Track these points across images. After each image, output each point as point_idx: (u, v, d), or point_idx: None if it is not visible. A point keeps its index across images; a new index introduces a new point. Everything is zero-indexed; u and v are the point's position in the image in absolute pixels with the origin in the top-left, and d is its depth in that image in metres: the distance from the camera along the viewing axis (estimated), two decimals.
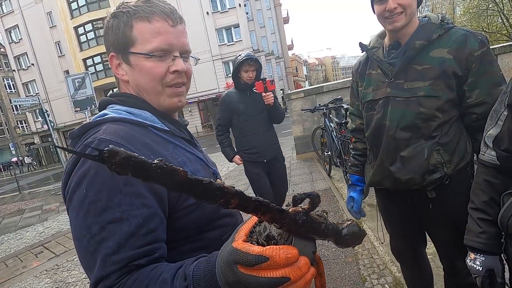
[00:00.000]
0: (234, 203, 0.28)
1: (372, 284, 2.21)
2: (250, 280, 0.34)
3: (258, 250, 0.34)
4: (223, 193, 0.27)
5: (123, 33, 0.67)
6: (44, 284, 3.14)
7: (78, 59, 23.61)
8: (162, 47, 0.66)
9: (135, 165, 0.23)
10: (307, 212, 0.34)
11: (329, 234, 0.36)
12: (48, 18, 25.94)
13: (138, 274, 0.49)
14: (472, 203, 1.00)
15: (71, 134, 0.65)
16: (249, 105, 2.50)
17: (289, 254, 0.33)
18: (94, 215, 0.51)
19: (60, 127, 26.38)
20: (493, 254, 0.93)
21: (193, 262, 0.46)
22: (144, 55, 0.67)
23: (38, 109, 8.89)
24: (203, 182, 0.26)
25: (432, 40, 1.12)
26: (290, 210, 0.33)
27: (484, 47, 1.07)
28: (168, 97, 0.71)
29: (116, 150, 0.22)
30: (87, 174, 0.53)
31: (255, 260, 0.34)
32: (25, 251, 4.26)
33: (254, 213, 0.30)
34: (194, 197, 0.26)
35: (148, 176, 0.24)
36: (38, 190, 11.13)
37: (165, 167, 0.24)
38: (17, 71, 28.87)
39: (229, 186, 0.28)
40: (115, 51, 0.70)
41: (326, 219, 0.36)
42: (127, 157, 0.23)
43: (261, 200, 0.30)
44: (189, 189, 0.26)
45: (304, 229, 0.34)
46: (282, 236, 0.35)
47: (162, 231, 0.56)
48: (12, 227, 5.92)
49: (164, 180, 0.24)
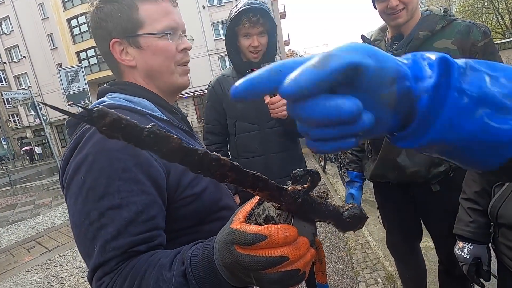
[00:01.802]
0: (231, 177, 0.27)
1: (365, 278, 2.23)
2: (247, 260, 0.33)
3: (255, 229, 0.33)
4: (220, 165, 0.26)
5: (128, 16, 0.66)
6: (36, 279, 3.11)
7: (71, 52, 23.21)
8: (171, 25, 0.69)
9: (126, 128, 0.22)
10: (307, 191, 0.32)
11: (329, 215, 0.35)
12: (40, 10, 25.38)
13: (136, 260, 0.49)
14: (464, 193, 1.02)
15: (68, 122, 0.65)
16: (252, 104, 1.39)
17: (288, 233, 0.32)
18: (93, 201, 0.50)
19: (53, 121, 25.98)
20: (481, 243, 0.95)
21: (191, 247, 0.45)
22: (155, 35, 0.68)
23: (30, 103, 8.74)
24: (198, 152, 0.24)
25: (436, 31, 1.13)
26: (289, 188, 0.32)
27: (487, 38, 1.09)
28: (180, 76, 0.74)
29: (106, 111, 0.21)
30: (85, 160, 0.52)
31: (252, 239, 0.33)
32: (17, 246, 4.21)
33: (252, 189, 0.28)
34: (189, 168, 0.25)
35: (139, 141, 0.22)
36: (30, 184, 11.00)
37: (158, 133, 0.22)
38: (8, 63, 28.31)
39: (227, 158, 0.26)
40: (118, 37, 0.68)
41: (326, 200, 0.35)
42: (118, 119, 0.21)
43: (259, 175, 0.28)
44: (183, 158, 0.24)
45: (304, 209, 0.33)
46: (281, 217, 0.34)
47: (161, 219, 0.56)
48: (3, 222, 5.85)
49: (156, 146, 0.23)
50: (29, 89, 11.58)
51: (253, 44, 1.31)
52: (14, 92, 10.49)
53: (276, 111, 1.24)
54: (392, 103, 0.23)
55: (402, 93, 0.23)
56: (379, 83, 0.22)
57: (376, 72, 0.22)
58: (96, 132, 0.55)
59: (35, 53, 26.42)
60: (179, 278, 0.42)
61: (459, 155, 0.25)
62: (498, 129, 0.23)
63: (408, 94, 0.23)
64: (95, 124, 0.21)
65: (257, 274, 0.34)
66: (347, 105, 0.21)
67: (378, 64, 0.22)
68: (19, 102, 9.43)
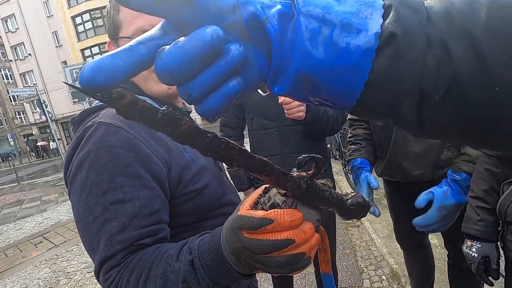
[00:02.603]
0: (239, 161, 0.28)
1: (369, 276, 2.23)
2: (254, 244, 0.34)
3: (262, 213, 0.34)
4: (229, 148, 0.26)
5: (113, 18, 0.67)
6: (43, 273, 3.16)
7: (75, 50, 23.35)
8: (143, 27, 0.64)
9: (142, 109, 0.22)
10: (312, 177, 0.33)
11: (333, 202, 0.36)
12: (45, 7, 25.54)
13: (143, 253, 0.50)
14: (472, 191, 1.01)
15: (72, 119, 0.66)
16: (271, 98, 1.31)
17: (294, 217, 0.34)
18: (97, 196, 0.51)
19: (59, 118, 26.24)
20: (490, 241, 0.95)
21: (198, 238, 0.46)
22: (128, 39, 0.65)
23: (36, 100, 8.82)
24: (208, 135, 0.25)
25: None
26: (295, 175, 0.33)
27: None
28: (156, 83, 0.68)
29: (124, 92, 0.22)
30: (87, 157, 0.53)
31: (259, 223, 0.34)
32: (24, 241, 4.28)
33: (259, 173, 0.29)
34: (199, 150, 0.26)
35: (154, 122, 0.23)
36: (37, 181, 11.15)
37: (172, 115, 0.23)
38: (14, 61, 28.58)
39: (236, 142, 0.27)
40: (110, 38, 0.70)
41: (330, 188, 0.36)
42: (135, 100, 0.22)
43: (266, 160, 0.29)
44: (195, 140, 0.25)
45: (308, 195, 0.34)
46: (287, 203, 0.35)
47: (165, 213, 0.56)
48: (11, 218, 5.94)
49: (170, 128, 0.24)
50: (34, 87, 11.68)
51: None
52: (20, 89, 10.60)
53: (291, 111, 1.15)
54: (245, 34, 0.22)
55: (249, 20, 0.22)
56: (218, 11, 0.21)
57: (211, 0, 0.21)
58: (98, 129, 0.55)
59: (40, 51, 26.63)
60: (187, 267, 0.43)
61: (325, 90, 0.23)
62: (345, 47, 0.21)
63: (256, 19, 0.22)
64: (113, 104, 0.22)
65: (264, 258, 0.35)
66: (208, 30, 0.20)
67: None
68: (25, 99, 9.55)
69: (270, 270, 0.36)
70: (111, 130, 0.54)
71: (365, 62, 0.21)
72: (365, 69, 0.21)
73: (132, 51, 0.21)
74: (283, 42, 0.22)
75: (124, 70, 0.21)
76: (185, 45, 0.20)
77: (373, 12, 0.21)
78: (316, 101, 0.25)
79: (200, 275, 0.42)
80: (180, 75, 0.21)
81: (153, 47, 0.21)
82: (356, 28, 0.21)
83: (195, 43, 0.20)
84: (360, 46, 0.21)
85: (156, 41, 0.22)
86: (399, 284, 2.07)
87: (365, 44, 0.21)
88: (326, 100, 0.24)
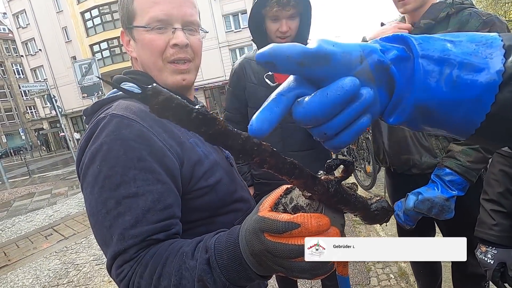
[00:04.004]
0: (270, 163, 0.27)
1: (377, 274, 2.21)
2: (279, 248, 0.33)
3: (287, 217, 0.33)
4: (261, 150, 0.26)
5: (127, 7, 0.65)
6: (53, 264, 3.23)
7: (84, 45, 23.57)
8: (158, 17, 0.63)
9: (177, 108, 0.22)
10: (340, 181, 0.32)
11: (358, 207, 0.35)
12: (55, 3, 25.79)
13: (156, 248, 0.49)
14: (486, 194, 0.97)
15: (85, 111, 0.65)
16: None
17: (321, 222, 0.32)
18: (109, 190, 0.50)
19: (68, 113, 26.62)
20: (506, 247, 0.90)
21: (214, 236, 0.45)
22: (142, 28, 0.64)
23: (46, 95, 8.95)
24: (242, 136, 0.25)
25: (440, 20, 1.04)
26: (323, 178, 0.32)
27: (486, 28, 0.97)
28: (170, 74, 0.68)
29: (159, 89, 0.21)
30: (100, 149, 0.52)
31: (284, 227, 0.32)
32: (35, 233, 4.38)
33: (288, 176, 0.29)
34: (231, 151, 0.25)
35: (188, 121, 0.22)
36: (47, 174, 11.37)
37: (206, 114, 0.23)
38: (25, 56, 29.03)
39: (267, 144, 0.26)
40: (123, 27, 0.69)
41: (356, 192, 0.35)
42: (170, 98, 0.22)
43: (296, 163, 0.29)
44: (227, 141, 0.24)
45: (335, 199, 0.32)
46: (312, 206, 0.34)
47: (177, 208, 0.55)
48: (22, 210, 6.08)
49: (204, 128, 0.23)
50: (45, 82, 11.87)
51: (281, 29, 1.16)
52: (31, 84, 10.77)
53: None
54: (371, 77, 0.26)
55: (375, 66, 0.26)
56: (348, 63, 0.25)
57: (342, 55, 0.25)
58: (111, 121, 0.54)
59: (50, 46, 26.96)
60: (203, 266, 0.42)
61: (443, 120, 0.26)
62: (467, 84, 0.24)
63: (381, 65, 0.26)
64: (148, 102, 0.21)
65: (287, 262, 0.34)
66: (348, 80, 0.25)
67: (341, 49, 0.25)
68: (35, 94, 9.68)
69: (292, 275, 0.35)
70: (124, 123, 0.54)
71: (488, 95, 0.24)
72: (487, 102, 0.24)
73: (277, 102, 0.26)
74: (404, 80, 0.26)
75: (276, 118, 0.25)
76: (329, 94, 0.25)
77: (493, 52, 0.24)
78: (430, 129, 0.28)
79: (217, 274, 0.41)
80: (321, 118, 0.25)
81: (292, 97, 0.26)
82: (476, 66, 0.24)
83: (338, 93, 0.24)
84: (482, 82, 0.24)
85: (293, 92, 0.26)
86: (407, 283, 2.05)
87: (487, 80, 0.24)
88: (441, 128, 0.27)
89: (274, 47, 0.24)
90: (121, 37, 0.71)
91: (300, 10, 1.17)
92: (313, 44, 0.25)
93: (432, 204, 1.00)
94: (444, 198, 0.99)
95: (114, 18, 22.29)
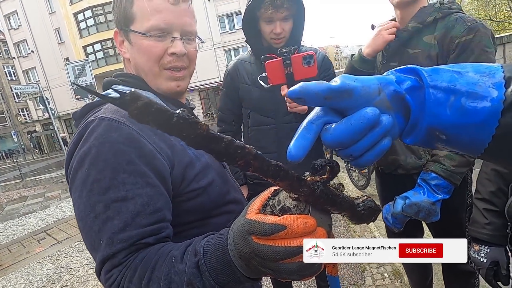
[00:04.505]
0: (254, 166, 0.27)
1: (372, 273, 2.22)
2: (266, 250, 0.33)
3: (274, 219, 0.33)
4: (244, 153, 0.26)
5: (124, 9, 0.65)
6: (46, 269, 3.18)
7: (78, 46, 23.34)
8: (159, 26, 0.64)
9: (157, 113, 0.22)
10: (326, 181, 0.33)
11: (345, 207, 0.35)
12: (47, 4, 25.51)
13: (146, 252, 0.48)
14: (478, 193, 0.98)
15: (74, 114, 0.65)
16: (270, 93, 1.21)
17: (307, 223, 0.33)
18: (98, 194, 0.50)
19: (62, 115, 26.31)
20: (499, 245, 0.91)
21: (203, 239, 0.45)
22: (141, 34, 0.64)
23: (39, 97, 8.85)
24: (224, 140, 0.25)
25: (427, 24, 1.07)
26: (309, 179, 0.32)
27: (470, 34, 1.00)
28: (165, 80, 0.68)
29: (138, 94, 0.21)
30: (89, 153, 0.52)
31: (271, 229, 0.33)
32: (28, 237, 4.31)
33: (273, 179, 0.29)
34: (214, 155, 0.25)
35: (169, 126, 0.22)
36: (40, 177, 11.22)
37: (187, 118, 0.22)
38: (17, 58, 28.65)
39: (251, 147, 0.26)
40: (118, 27, 0.69)
41: (342, 192, 0.35)
42: (149, 103, 0.21)
43: (281, 165, 0.29)
44: (210, 145, 0.24)
45: (322, 200, 0.33)
46: (298, 208, 0.34)
47: (167, 211, 0.55)
48: (15, 214, 5.99)
49: (185, 132, 0.23)
50: (37, 83, 11.72)
51: (276, 30, 1.16)
52: (23, 86, 10.64)
53: (294, 105, 1.09)
54: (389, 106, 0.31)
55: (392, 96, 0.31)
56: (368, 95, 0.30)
57: (363, 89, 0.29)
58: (100, 124, 0.54)
59: (43, 48, 26.65)
60: (192, 270, 0.42)
61: (453, 141, 0.30)
62: (472, 110, 0.28)
63: (397, 95, 0.31)
64: (127, 107, 0.21)
65: (274, 264, 0.34)
66: (369, 110, 0.29)
67: (361, 84, 0.29)
68: (28, 96, 9.57)
69: (279, 276, 0.35)
70: (113, 126, 0.53)
71: (492, 120, 0.27)
72: (492, 125, 0.27)
73: (309, 129, 0.30)
74: (417, 107, 0.30)
75: (309, 143, 0.30)
76: (353, 122, 0.29)
77: (495, 82, 0.28)
78: (444, 148, 0.32)
79: (206, 278, 0.41)
80: (347, 143, 0.30)
81: (320, 124, 0.31)
82: (480, 95, 0.28)
83: (361, 121, 0.29)
84: (485, 109, 0.27)
85: (321, 120, 0.31)
86: (401, 282, 2.06)
87: (490, 107, 0.27)
88: (453, 147, 0.31)
89: (303, 86, 0.29)
90: (114, 37, 0.71)
91: (294, 12, 1.18)
92: (336, 81, 0.29)
93: (419, 208, 1.01)
94: (431, 202, 1.01)
95: (107, 19, 22.12)
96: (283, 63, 1.00)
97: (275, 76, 1.02)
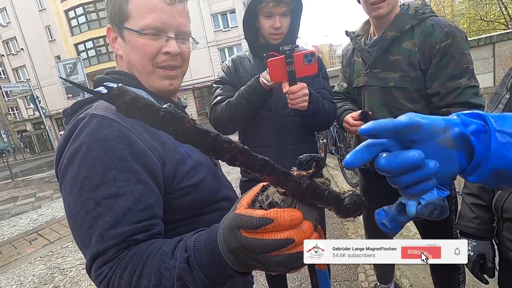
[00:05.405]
0: (241, 160, 0.28)
1: (365, 269, 2.25)
2: (254, 243, 0.34)
3: (261, 213, 0.34)
4: (231, 147, 0.26)
5: (119, 6, 0.65)
6: (38, 270, 3.14)
7: (69, 44, 22.98)
8: (155, 25, 0.64)
9: (144, 107, 0.22)
10: (312, 176, 0.34)
11: (331, 201, 0.36)
12: (37, 1, 25.06)
13: (136, 249, 0.48)
14: (466, 188, 1.00)
15: (64, 112, 0.64)
16: None
17: (293, 216, 0.34)
18: (89, 191, 0.50)
19: (53, 114, 25.92)
20: (485, 239, 0.94)
21: (194, 235, 0.45)
22: (135, 32, 0.64)
23: (29, 96, 8.70)
24: (211, 134, 0.25)
25: (405, 31, 1.12)
26: (295, 174, 0.33)
27: (449, 39, 1.05)
28: (158, 79, 0.69)
29: (125, 89, 0.22)
30: (79, 150, 0.51)
31: (259, 222, 0.34)
32: (19, 238, 4.25)
33: (260, 173, 0.29)
34: (201, 149, 0.25)
35: (156, 121, 0.23)
36: (31, 177, 11.05)
37: (174, 113, 0.23)
38: (6, 56, 28.07)
39: (237, 141, 0.27)
40: (111, 24, 0.68)
41: (328, 186, 0.36)
42: (136, 98, 0.22)
43: (267, 159, 0.29)
44: (197, 139, 0.25)
45: (308, 194, 0.34)
46: (286, 202, 0.35)
47: (158, 208, 0.55)
48: (5, 215, 5.89)
49: (172, 127, 0.23)
50: (27, 82, 11.53)
51: (275, 25, 1.17)
52: (13, 84, 10.44)
53: (295, 101, 1.07)
54: (452, 145, 0.34)
55: (457, 136, 0.34)
56: (434, 132, 0.33)
57: (430, 126, 0.33)
58: (90, 121, 0.53)
59: (33, 45, 26.15)
60: (183, 265, 0.42)
61: None
62: None
63: (462, 136, 0.34)
64: (114, 101, 0.21)
65: (263, 257, 0.35)
66: (411, 154, 0.32)
67: (429, 121, 0.33)
68: (18, 95, 9.40)
69: (268, 269, 0.36)
70: (104, 123, 0.53)
71: None
72: None
73: (369, 149, 0.34)
74: (482, 149, 0.33)
75: (364, 161, 0.34)
76: (398, 158, 0.33)
77: None
78: (507, 188, 0.35)
79: (196, 273, 0.41)
80: (393, 172, 0.33)
81: (378, 150, 0.34)
82: None
83: (402, 160, 0.32)
84: None
85: (382, 146, 0.34)
86: (393, 278, 2.09)
87: None
88: None
89: (375, 124, 0.32)
90: (107, 33, 0.71)
91: (292, 8, 1.20)
92: (404, 118, 0.32)
93: (434, 206, 1.03)
94: (442, 198, 1.03)
95: (99, 17, 21.81)
96: (285, 61, 1.01)
97: (277, 74, 1.03)
